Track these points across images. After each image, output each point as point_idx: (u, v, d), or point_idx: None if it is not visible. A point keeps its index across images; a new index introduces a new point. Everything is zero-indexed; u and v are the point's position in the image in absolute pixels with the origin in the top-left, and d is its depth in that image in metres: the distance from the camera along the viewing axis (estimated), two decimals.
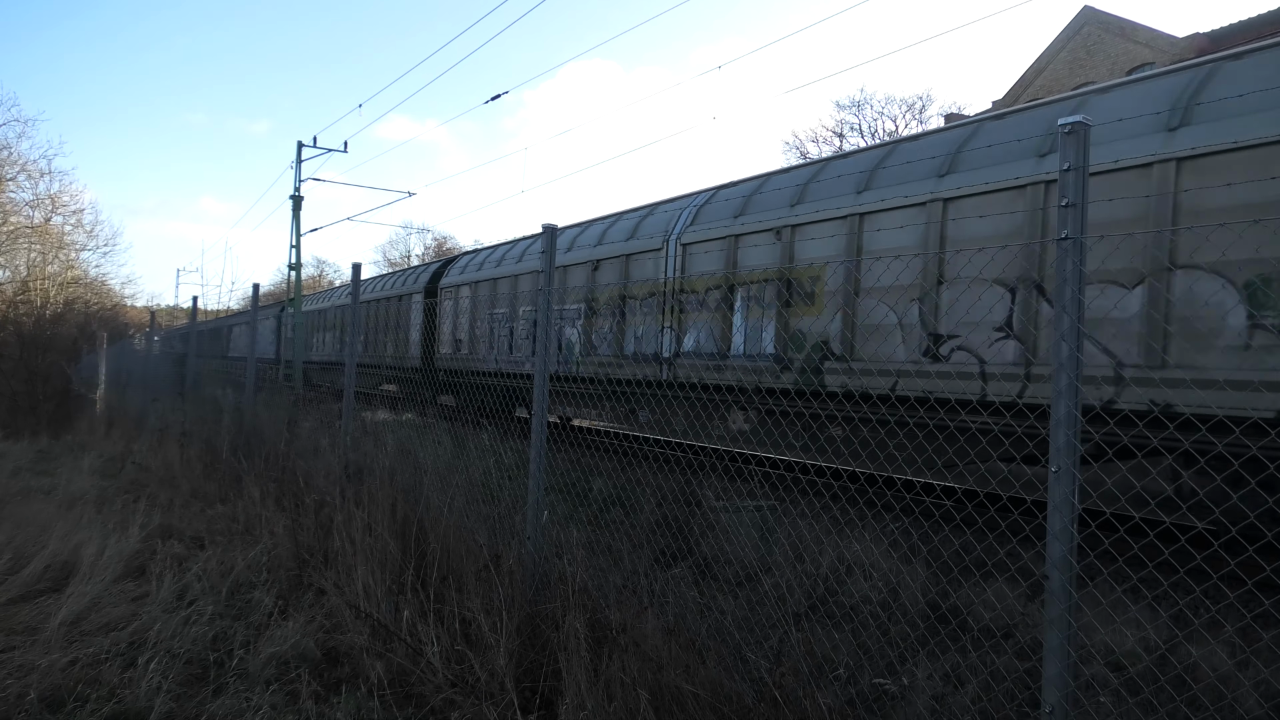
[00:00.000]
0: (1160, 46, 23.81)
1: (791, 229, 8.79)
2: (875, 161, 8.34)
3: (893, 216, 7.75)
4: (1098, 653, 3.79)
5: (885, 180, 7.97)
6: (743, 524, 6.08)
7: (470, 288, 16.30)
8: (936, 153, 7.66)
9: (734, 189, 10.51)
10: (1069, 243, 2.29)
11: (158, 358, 17.06)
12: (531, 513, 4.23)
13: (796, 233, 8.76)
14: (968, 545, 5.52)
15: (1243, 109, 5.48)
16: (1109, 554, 4.16)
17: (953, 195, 7.19)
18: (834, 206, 8.34)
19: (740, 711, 3.02)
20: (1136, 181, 5.94)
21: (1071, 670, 2.28)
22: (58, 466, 9.95)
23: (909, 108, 40.90)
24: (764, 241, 9.19)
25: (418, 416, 11.07)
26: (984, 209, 6.88)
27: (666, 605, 4.14)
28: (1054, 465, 2.28)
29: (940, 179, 7.38)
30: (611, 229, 12.45)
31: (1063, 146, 2.34)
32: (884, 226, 7.83)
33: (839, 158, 9.64)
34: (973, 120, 8.30)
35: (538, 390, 4.30)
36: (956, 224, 7.16)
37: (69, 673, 3.66)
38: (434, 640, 3.74)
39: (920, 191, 7.50)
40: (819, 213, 8.52)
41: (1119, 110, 6.26)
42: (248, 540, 5.87)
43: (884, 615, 4.45)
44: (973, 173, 7.12)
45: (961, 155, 7.38)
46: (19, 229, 22.18)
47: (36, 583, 4.85)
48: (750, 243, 9.41)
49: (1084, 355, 2.42)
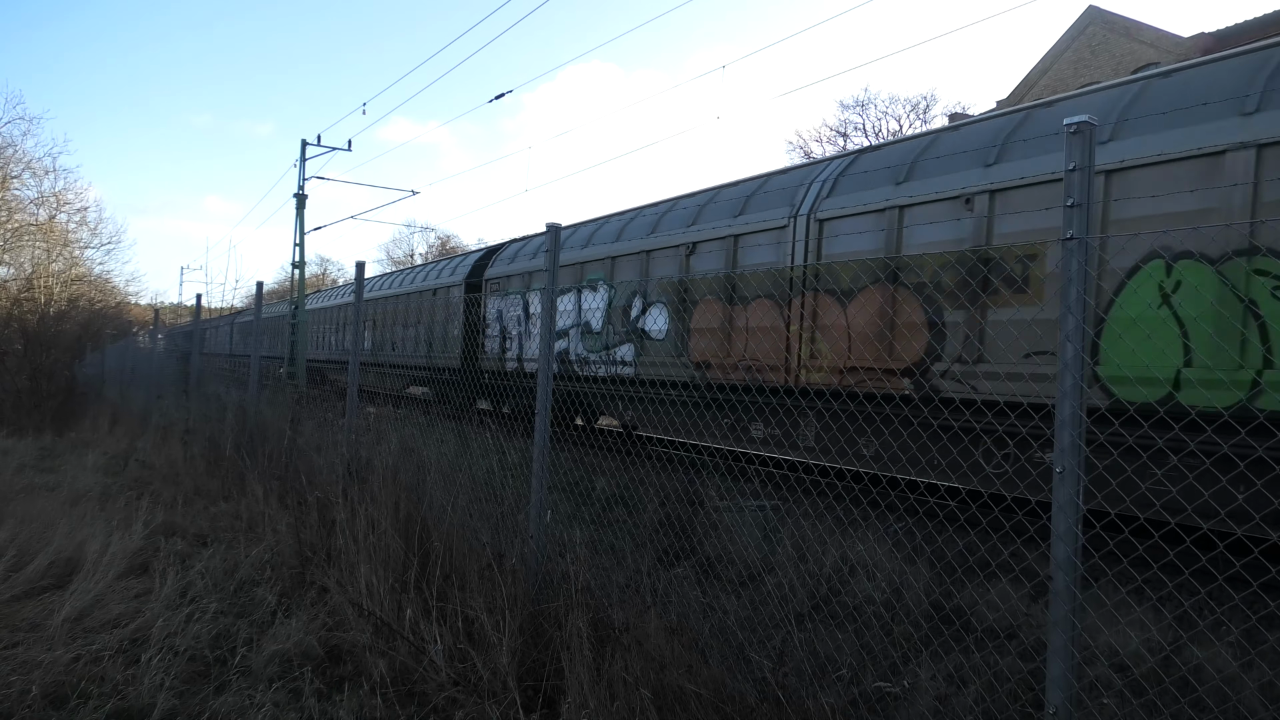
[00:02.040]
0: (1165, 46, 23.75)
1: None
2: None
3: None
4: (1102, 654, 3.78)
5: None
6: (745, 523, 6.08)
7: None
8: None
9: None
10: (1074, 243, 2.29)
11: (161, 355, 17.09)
12: (535, 511, 4.23)
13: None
14: (971, 546, 5.51)
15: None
16: (1113, 555, 4.15)
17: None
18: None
19: (743, 711, 3.02)
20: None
21: (1075, 671, 2.28)
22: (62, 463, 9.97)
23: (913, 107, 40.84)
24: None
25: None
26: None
27: (669, 605, 4.13)
28: (1058, 466, 2.28)
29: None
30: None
31: (1068, 146, 2.33)
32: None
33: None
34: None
35: (540, 390, 4.30)
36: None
37: (72, 669, 3.67)
38: (437, 638, 3.74)
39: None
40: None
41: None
42: (251, 538, 5.88)
43: (887, 616, 4.44)
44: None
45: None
46: (24, 226, 22.23)
47: (40, 579, 4.86)
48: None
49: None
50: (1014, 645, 4.01)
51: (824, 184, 8.66)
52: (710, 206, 10.23)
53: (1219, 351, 5.35)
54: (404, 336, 18.84)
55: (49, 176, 23.06)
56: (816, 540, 5.61)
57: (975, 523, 6.11)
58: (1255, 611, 4.35)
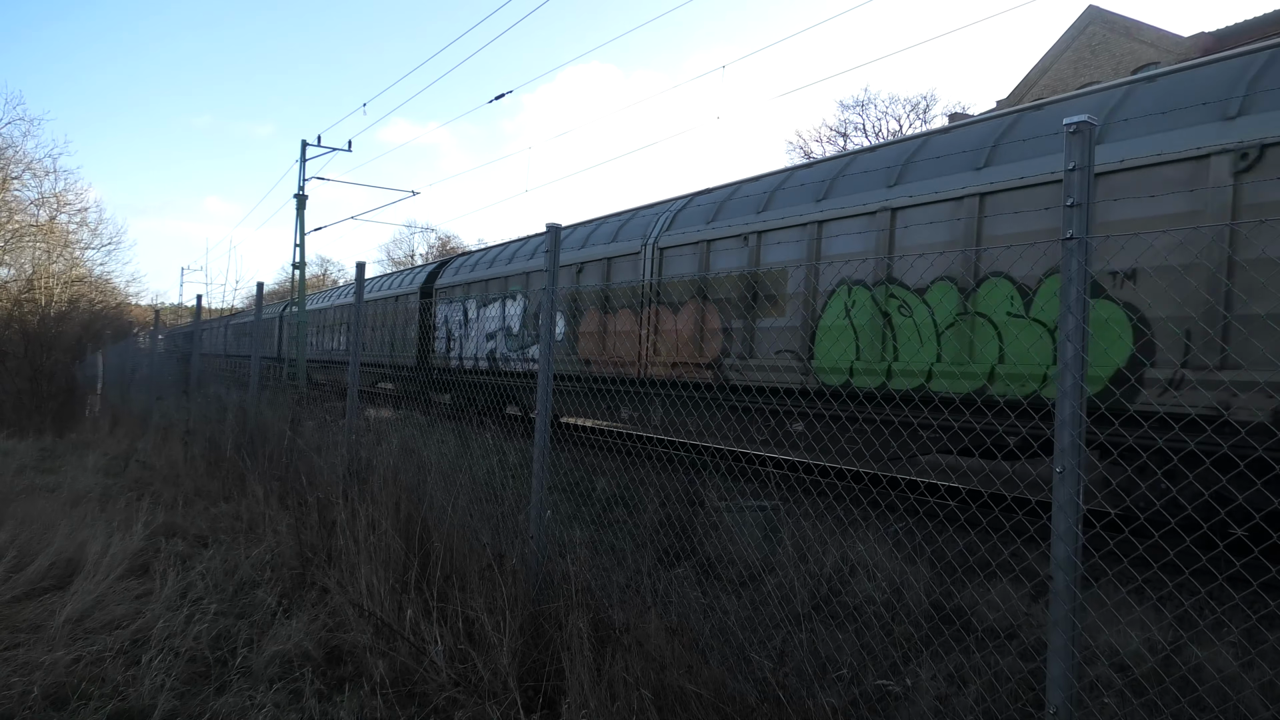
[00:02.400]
0: (1165, 46, 23.76)
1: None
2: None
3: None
4: (1102, 654, 3.78)
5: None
6: (746, 524, 6.08)
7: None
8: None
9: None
10: (1074, 243, 2.28)
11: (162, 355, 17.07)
12: (535, 512, 4.23)
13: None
14: (972, 546, 5.51)
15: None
16: (1114, 555, 4.15)
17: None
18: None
19: (743, 711, 3.02)
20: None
21: (1075, 671, 2.28)
22: (62, 464, 9.98)
23: (913, 107, 40.83)
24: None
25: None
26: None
27: (669, 605, 4.13)
28: (1059, 466, 2.27)
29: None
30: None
31: (1068, 146, 2.32)
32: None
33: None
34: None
35: (541, 389, 4.30)
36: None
37: (73, 670, 3.67)
38: (437, 639, 3.74)
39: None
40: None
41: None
42: (251, 539, 5.88)
43: (887, 616, 4.44)
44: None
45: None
46: (24, 227, 22.25)
47: (41, 580, 4.86)
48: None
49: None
50: (1014, 645, 4.01)
51: (667, 219, 10.92)
52: (593, 234, 12.65)
53: (872, 348, 7.62)
54: (372, 339, 20.65)
55: (49, 177, 23.14)
56: (817, 540, 5.61)
57: (975, 523, 6.13)
58: (1255, 611, 4.35)
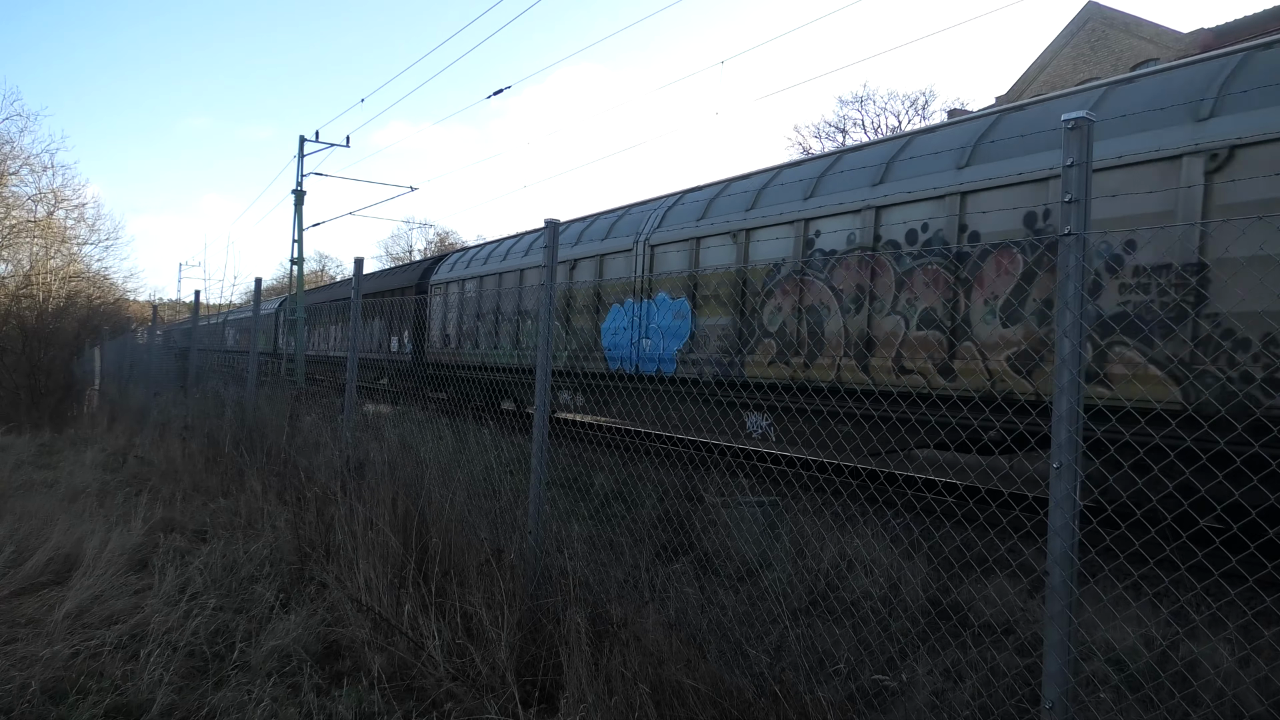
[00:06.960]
0: (1165, 42, 23.74)
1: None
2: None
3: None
4: (1098, 649, 3.79)
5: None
6: (743, 519, 6.08)
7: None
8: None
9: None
10: (1072, 238, 2.28)
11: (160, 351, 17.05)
12: (533, 507, 4.24)
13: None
14: (969, 541, 5.52)
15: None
16: (1110, 550, 4.16)
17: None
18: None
19: (740, 706, 3.03)
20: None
21: (1072, 666, 2.28)
22: (60, 460, 9.97)
23: (912, 103, 40.75)
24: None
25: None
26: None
27: (667, 600, 4.14)
28: (1055, 461, 2.27)
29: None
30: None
31: (1066, 142, 2.32)
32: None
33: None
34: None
35: (540, 385, 4.30)
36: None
37: (71, 664, 3.68)
38: (435, 634, 3.75)
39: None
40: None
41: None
42: (249, 534, 5.89)
43: (884, 611, 4.45)
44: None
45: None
46: (22, 223, 22.20)
47: (39, 575, 4.86)
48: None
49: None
50: (1011, 640, 4.02)
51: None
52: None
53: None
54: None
55: (47, 173, 23.02)
56: (814, 535, 5.62)
57: (973, 518, 6.14)
58: (1252, 607, 4.36)
